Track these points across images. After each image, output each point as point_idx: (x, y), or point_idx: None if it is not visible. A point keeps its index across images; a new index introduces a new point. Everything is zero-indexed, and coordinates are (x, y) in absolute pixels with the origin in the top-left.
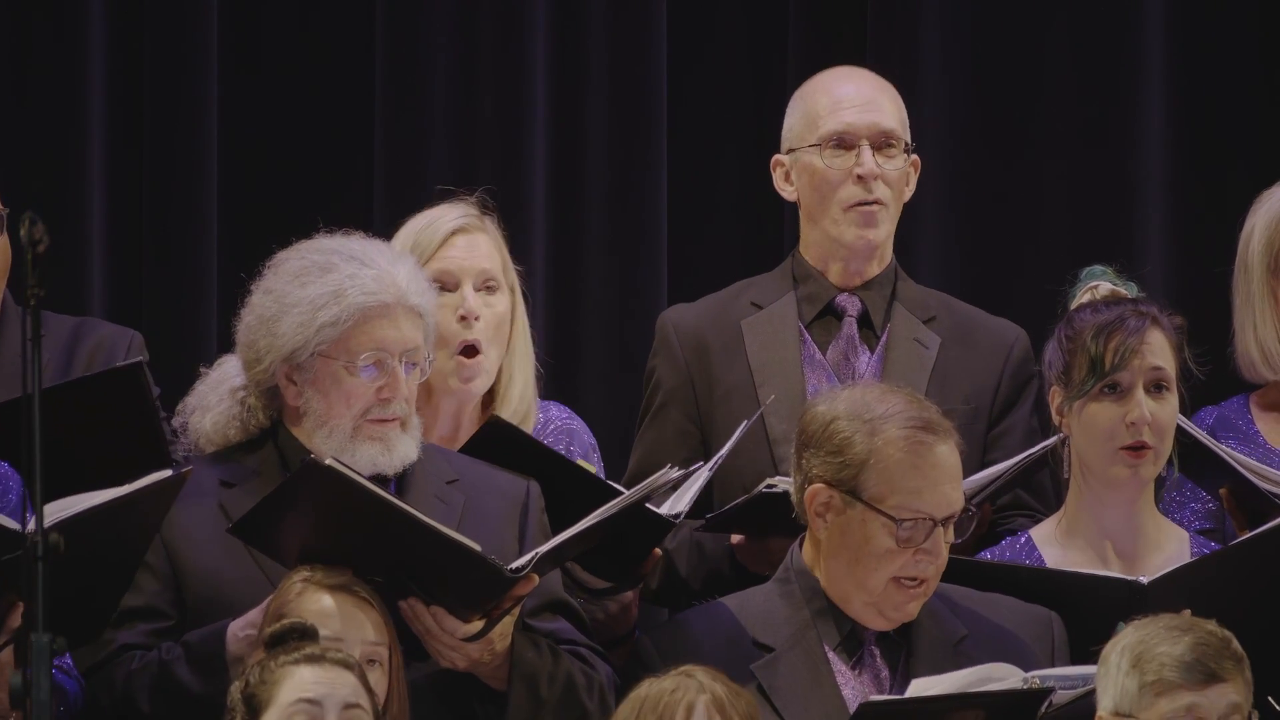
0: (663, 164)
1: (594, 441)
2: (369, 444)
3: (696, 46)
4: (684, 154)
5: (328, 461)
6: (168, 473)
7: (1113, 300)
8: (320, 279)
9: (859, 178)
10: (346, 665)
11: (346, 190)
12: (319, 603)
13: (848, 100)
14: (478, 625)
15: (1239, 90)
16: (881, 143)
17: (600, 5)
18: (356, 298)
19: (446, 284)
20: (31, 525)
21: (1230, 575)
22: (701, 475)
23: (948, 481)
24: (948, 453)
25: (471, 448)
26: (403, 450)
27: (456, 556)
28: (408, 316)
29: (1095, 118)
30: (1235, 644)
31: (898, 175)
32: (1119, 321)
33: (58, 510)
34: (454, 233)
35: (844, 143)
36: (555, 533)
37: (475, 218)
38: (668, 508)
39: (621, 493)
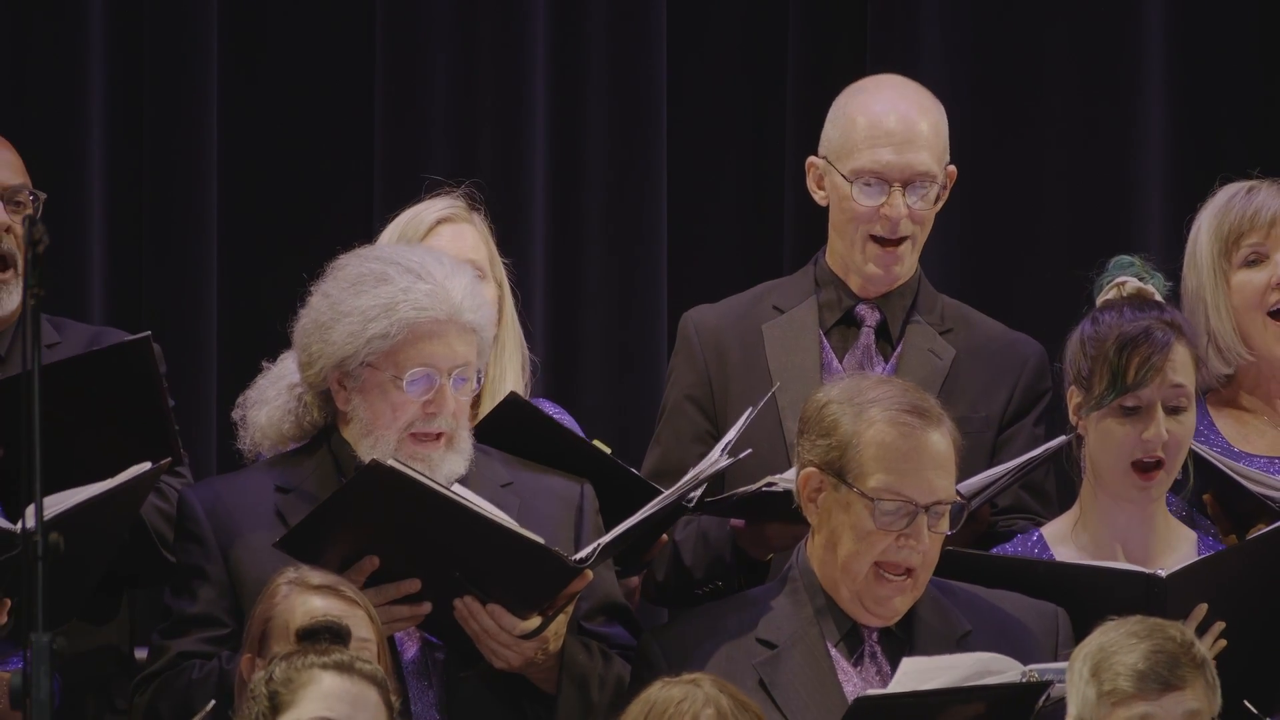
0: (662, 164)
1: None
2: (411, 462)
3: (696, 47)
4: (684, 154)
5: (390, 462)
6: (146, 466)
7: (1139, 302)
8: (375, 289)
9: (886, 216)
10: (373, 680)
11: (346, 189)
12: (306, 604)
13: (886, 135)
14: (534, 623)
15: (1239, 90)
16: (915, 183)
17: (600, 5)
18: (408, 313)
19: None
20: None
21: (1249, 570)
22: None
23: (933, 468)
24: (936, 440)
25: (486, 425)
26: (447, 468)
27: (520, 550)
28: (460, 333)
29: (1095, 117)
30: (1197, 648)
31: (927, 211)
32: (1144, 335)
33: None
34: (439, 222)
35: (876, 182)
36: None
37: (462, 209)
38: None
39: (633, 474)
